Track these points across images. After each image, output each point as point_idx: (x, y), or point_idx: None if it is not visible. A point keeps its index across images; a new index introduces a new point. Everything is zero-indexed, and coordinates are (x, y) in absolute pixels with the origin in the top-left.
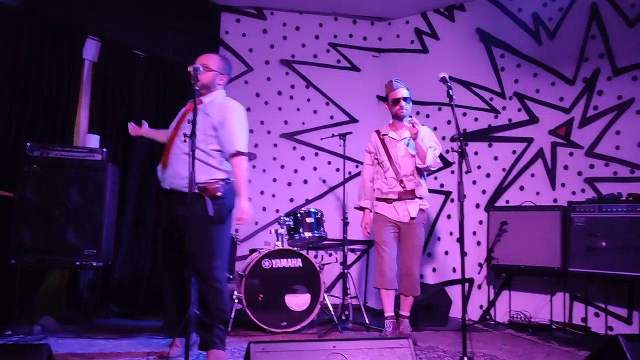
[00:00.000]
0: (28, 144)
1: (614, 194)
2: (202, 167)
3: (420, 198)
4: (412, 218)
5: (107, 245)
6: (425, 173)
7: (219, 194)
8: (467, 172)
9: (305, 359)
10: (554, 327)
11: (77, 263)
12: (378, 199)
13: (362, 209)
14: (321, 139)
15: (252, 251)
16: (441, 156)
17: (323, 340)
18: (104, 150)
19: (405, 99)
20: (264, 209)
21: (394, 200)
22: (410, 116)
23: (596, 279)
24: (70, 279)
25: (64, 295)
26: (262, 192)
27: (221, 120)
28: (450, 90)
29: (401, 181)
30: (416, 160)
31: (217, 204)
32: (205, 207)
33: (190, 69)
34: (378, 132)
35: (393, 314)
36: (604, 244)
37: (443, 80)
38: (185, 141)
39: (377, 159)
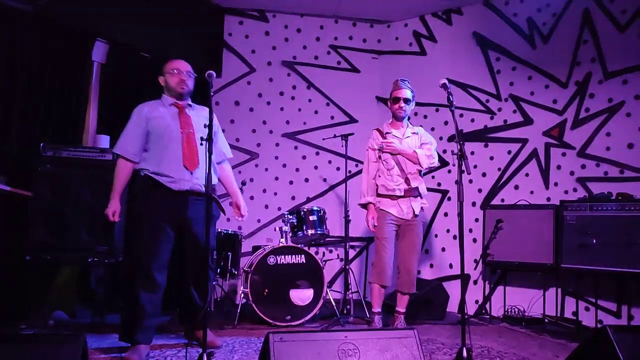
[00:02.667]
0: (41, 144)
1: (604, 193)
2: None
3: (421, 197)
4: (415, 215)
5: (118, 242)
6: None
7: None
8: (463, 173)
9: (320, 348)
10: (546, 320)
11: (90, 260)
12: (381, 195)
13: (365, 205)
14: (323, 139)
15: (256, 248)
16: (439, 156)
17: (336, 330)
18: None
19: (405, 100)
20: (266, 206)
21: (400, 197)
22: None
23: (587, 275)
24: (80, 275)
25: (75, 291)
26: (264, 190)
27: (216, 129)
28: (450, 97)
29: (407, 179)
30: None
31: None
32: (216, 207)
33: (207, 75)
34: (380, 130)
35: (380, 309)
36: (594, 241)
37: (444, 86)
38: (202, 144)
39: (380, 157)
